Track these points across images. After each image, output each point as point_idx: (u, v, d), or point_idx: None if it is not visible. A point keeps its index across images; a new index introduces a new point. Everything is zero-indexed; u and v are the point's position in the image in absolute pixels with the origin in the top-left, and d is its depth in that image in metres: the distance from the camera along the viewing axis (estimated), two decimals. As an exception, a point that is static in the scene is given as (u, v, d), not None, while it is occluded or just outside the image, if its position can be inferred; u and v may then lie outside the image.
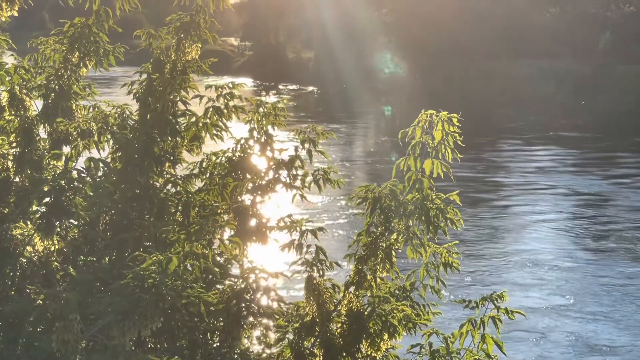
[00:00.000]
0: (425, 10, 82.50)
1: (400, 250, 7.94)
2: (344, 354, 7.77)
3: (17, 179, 8.82)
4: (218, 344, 8.12)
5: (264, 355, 8.37)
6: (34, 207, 8.69)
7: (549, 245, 29.54)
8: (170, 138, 8.86)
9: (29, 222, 8.64)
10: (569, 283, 25.39)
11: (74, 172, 8.61)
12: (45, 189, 8.45)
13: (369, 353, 7.77)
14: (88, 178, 8.63)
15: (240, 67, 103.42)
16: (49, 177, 8.59)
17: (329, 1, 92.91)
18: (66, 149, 8.88)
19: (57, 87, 9.12)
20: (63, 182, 8.42)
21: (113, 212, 8.56)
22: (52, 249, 8.48)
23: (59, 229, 8.49)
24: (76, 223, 8.72)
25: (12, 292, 8.30)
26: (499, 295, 7.66)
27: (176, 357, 7.60)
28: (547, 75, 75.33)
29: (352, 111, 67.90)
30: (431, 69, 78.22)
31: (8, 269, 8.36)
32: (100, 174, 8.69)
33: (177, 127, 8.88)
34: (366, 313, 7.83)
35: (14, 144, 8.87)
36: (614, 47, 77.24)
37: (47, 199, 8.49)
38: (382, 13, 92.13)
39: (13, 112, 9.09)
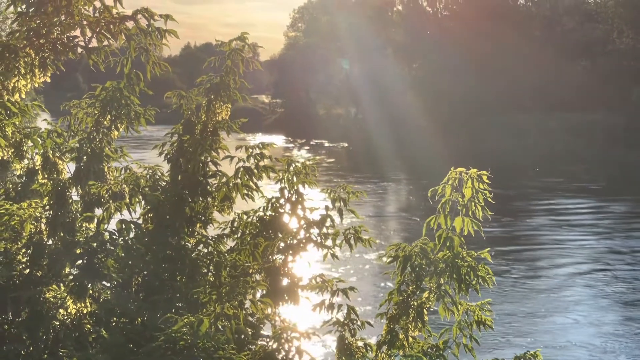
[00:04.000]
0: (455, 65, 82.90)
1: (432, 309, 7.88)
2: (377, 415, 7.70)
3: (50, 242, 8.89)
4: (250, 405, 8.05)
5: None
6: (67, 270, 8.75)
7: (583, 304, 29.04)
8: (201, 199, 8.91)
9: (61, 285, 8.68)
10: (604, 344, 24.91)
11: (106, 234, 8.68)
12: (78, 251, 8.53)
13: (402, 413, 7.69)
14: (120, 240, 8.68)
15: (272, 125, 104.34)
16: (81, 240, 8.68)
17: (359, 57, 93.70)
18: (98, 211, 8.94)
19: (89, 150, 9.20)
20: (95, 244, 8.49)
21: (145, 273, 8.58)
22: (85, 311, 8.51)
23: (91, 292, 8.54)
24: (108, 285, 8.76)
25: (45, 356, 8.31)
26: (533, 355, 7.58)
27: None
28: (579, 128, 75.22)
29: (381, 166, 67.99)
30: (460, 123, 78.38)
31: (41, 332, 8.38)
32: (132, 235, 8.74)
33: (208, 187, 8.94)
34: (399, 373, 7.77)
35: (47, 207, 8.95)
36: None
37: (79, 262, 8.55)
38: (413, 68, 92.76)
39: (46, 176, 9.21)
